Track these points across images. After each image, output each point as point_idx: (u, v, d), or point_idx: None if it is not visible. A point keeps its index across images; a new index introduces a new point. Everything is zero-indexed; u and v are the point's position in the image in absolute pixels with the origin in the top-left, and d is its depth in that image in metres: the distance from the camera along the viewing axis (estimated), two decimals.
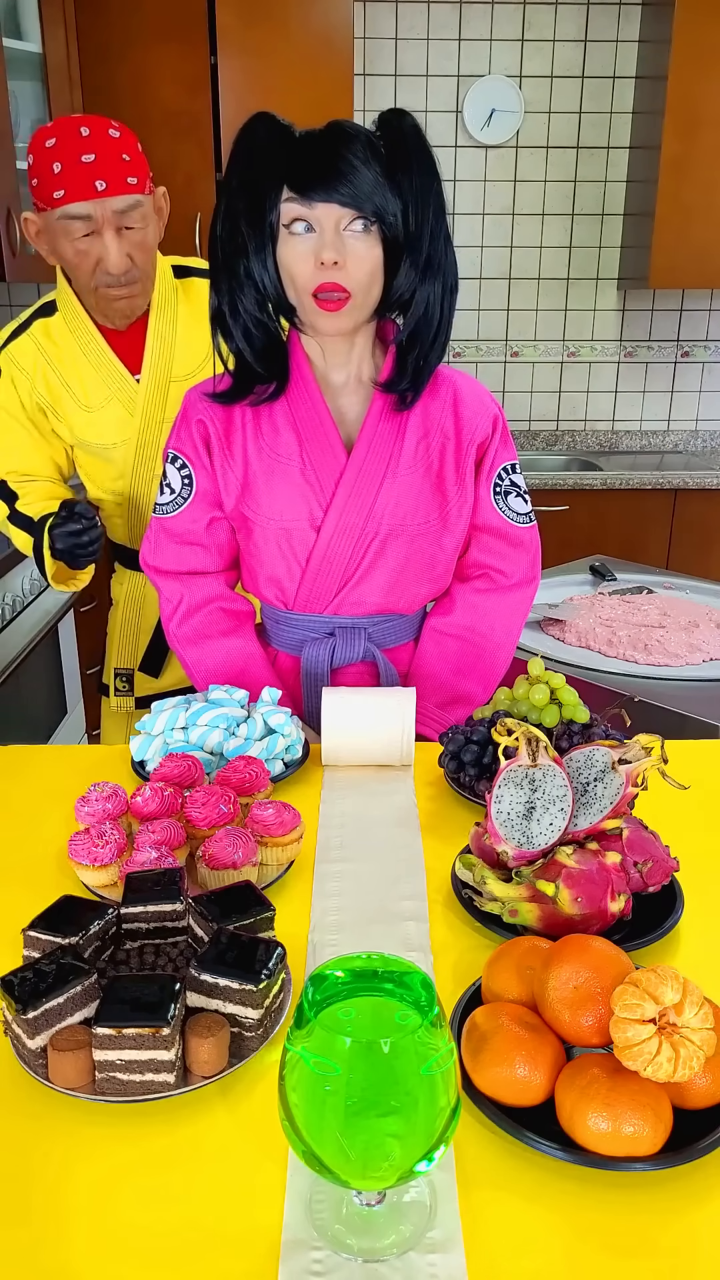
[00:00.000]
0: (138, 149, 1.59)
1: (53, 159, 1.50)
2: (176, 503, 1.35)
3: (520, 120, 3.47)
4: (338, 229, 1.14)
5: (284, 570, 1.35)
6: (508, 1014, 0.72)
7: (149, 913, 0.84)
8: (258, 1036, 0.76)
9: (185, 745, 1.19)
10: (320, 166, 1.12)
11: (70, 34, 3.07)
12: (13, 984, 0.74)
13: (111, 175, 1.50)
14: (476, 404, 1.34)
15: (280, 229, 1.16)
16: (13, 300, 3.61)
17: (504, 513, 1.38)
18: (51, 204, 1.52)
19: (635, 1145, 0.65)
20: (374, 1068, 0.56)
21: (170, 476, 1.36)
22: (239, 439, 1.32)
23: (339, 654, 1.38)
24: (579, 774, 0.93)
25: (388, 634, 1.40)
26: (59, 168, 1.49)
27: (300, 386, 1.29)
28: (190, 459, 1.34)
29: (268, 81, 3.08)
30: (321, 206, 1.13)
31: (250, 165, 1.16)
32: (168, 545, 1.38)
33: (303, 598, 1.37)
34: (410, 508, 1.31)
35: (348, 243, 1.14)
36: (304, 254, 1.15)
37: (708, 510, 3.31)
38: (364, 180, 1.12)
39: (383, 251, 1.17)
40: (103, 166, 1.50)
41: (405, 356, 1.26)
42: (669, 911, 0.91)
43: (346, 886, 0.99)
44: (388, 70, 3.43)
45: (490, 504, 1.37)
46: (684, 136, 3.15)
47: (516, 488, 1.39)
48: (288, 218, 1.15)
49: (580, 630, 1.73)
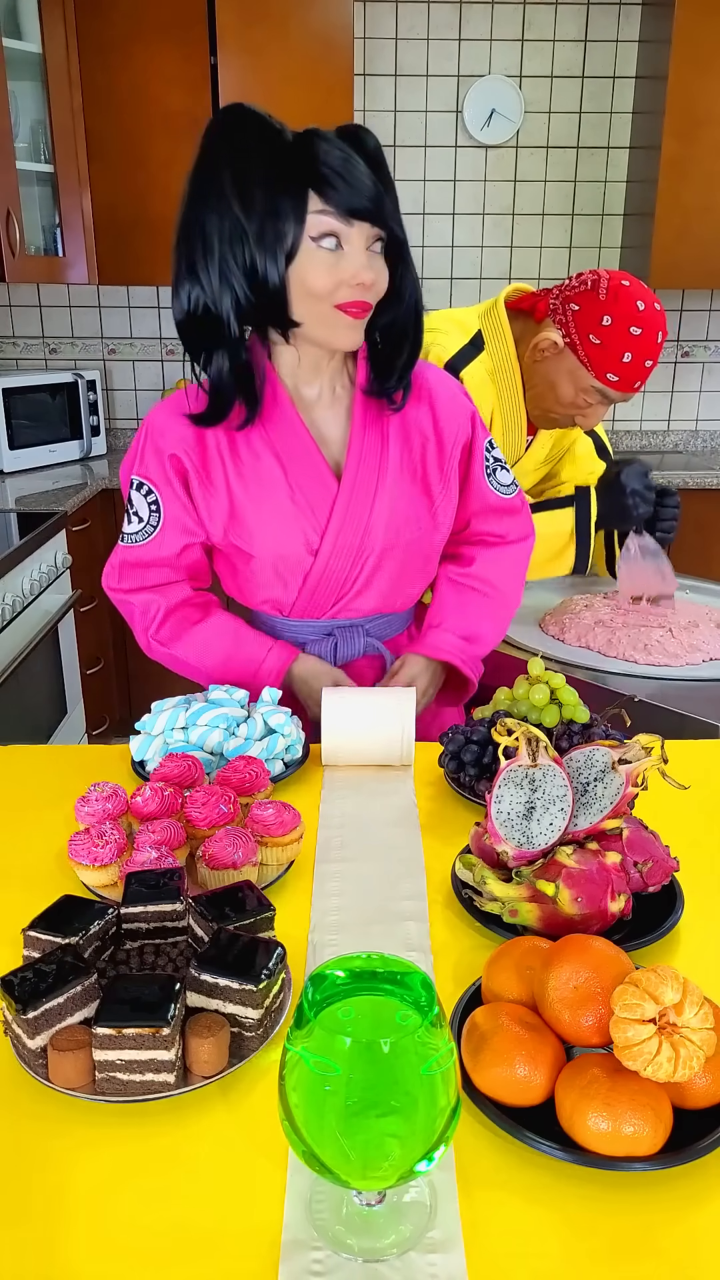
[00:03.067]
0: None
1: (633, 347, 1.59)
2: (146, 531, 1.32)
3: (520, 120, 3.47)
4: (364, 247, 1.14)
5: (280, 591, 1.36)
6: (508, 1014, 0.72)
7: (149, 913, 0.84)
8: (258, 1036, 0.76)
9: (185, 745, 1.19)
10: (362, 185, 1.11)
11: (70, 34, 3.08)
12: (13, 984, 0.74)
13: (644, 382, 1.66)
14: (452, 403, 1.35)
15: (303, 239, 1.13)
16: (12, 300, 3.61)
17: (497, 489, 1.42)
18: (601, 378, 1.64)
19: (635, 1145, 0.65)
20: (374, 1068, 0.56)
21: (137, 504, 1.32)
22: (218, 469, 1.28)
23: (340, 652, 1.40)
24: (579, 774, 0.93)
25: (384, 629, 1.43)
26: (630, 358, 1.60)
27: (274, 408, 1.26)
28: (158, 486, 1.30)
29: (268, 81, 3.08)
30: (359, 225, 1.12)
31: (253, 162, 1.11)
32: (134, 572, 1.36)
33: (300, 609, 1.38)
34: (403, 518, 1.32)
35: (373, 261, 1.16)
36: (330, 267, 1.14)
37: (708, 510, 3.31)
38: (390, 200, 1.14)
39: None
40: (647, 375, 1.64)
41: (393, 355, 1.26)
42: (669, 911, 0.91)
43: (346, 886, 0.99)
44: (388, 70, 3.43)
45: (485, 487, 1.41)
46: (684, 136, 3.15)
47: (498, 461, 1.42)
48: (318, 230, 1.12)
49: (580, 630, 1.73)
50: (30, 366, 3.72)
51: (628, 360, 1.59)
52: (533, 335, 1.69)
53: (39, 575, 2.61)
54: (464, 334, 1.71)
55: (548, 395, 1.70)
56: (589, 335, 1.60)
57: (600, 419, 1.73)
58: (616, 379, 1.62)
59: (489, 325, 1.73)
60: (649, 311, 1.59)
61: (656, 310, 1.60)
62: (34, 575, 2.58)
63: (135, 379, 3.77)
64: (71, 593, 2.85)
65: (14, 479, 3.20)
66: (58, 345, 3.70)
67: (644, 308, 1.58)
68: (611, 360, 1.60)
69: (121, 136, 3.17)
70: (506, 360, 1.71)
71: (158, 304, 3.67)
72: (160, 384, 3.77)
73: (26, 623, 2.53)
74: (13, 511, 2.81)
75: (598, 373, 1.62)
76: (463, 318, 1.74)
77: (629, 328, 1.57)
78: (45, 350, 3.71)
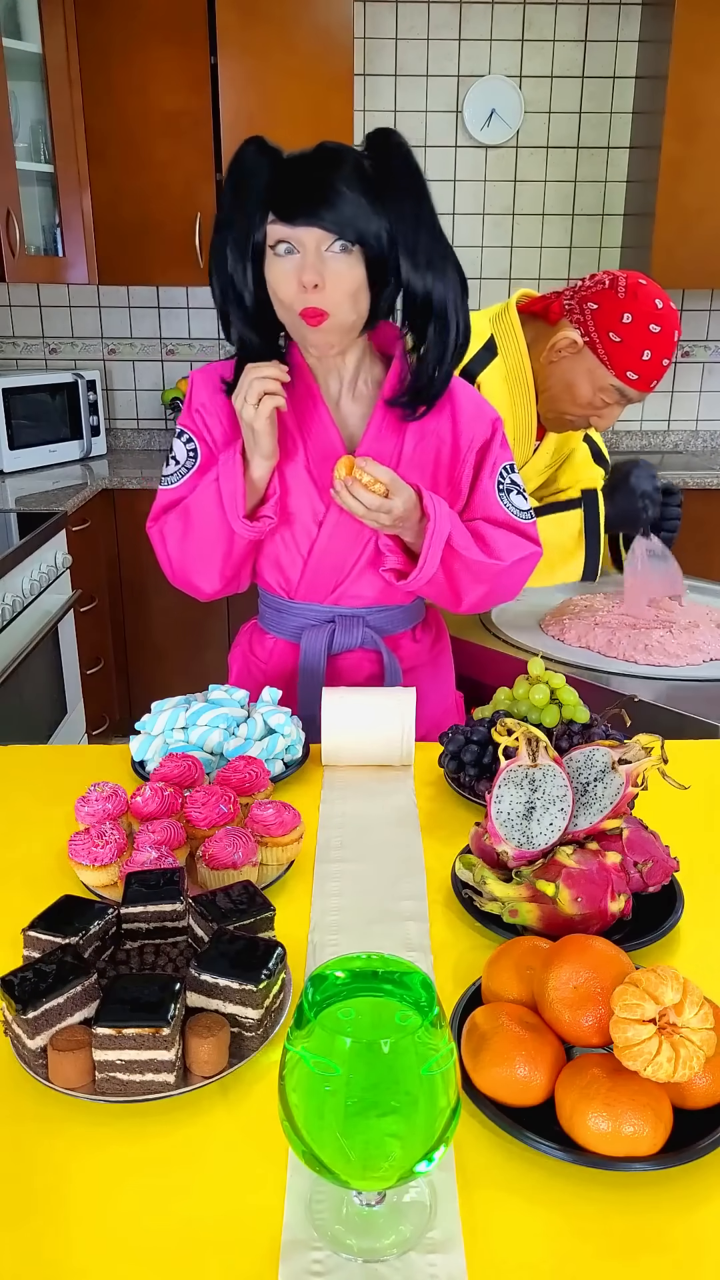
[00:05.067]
0: None
1: (652, 344, 1.59)
2: (180, 473, 1.37)
3: (520, 120, 3.47)
4: (319, 250, 1.16)
5: (287, 559, 1.38)
6: (508, 1014, 0.72)
7: (149, 913, 0.84)
8: (258, 1036, 0.76)
9: (185, 745, 1.19)
10: (302, 190, 1.15)
11: (70, 34, 3.08)
12: (13, 984, 0.74)
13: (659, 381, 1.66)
14: (474, 410, 1.36)
15: (266, 250, 1.19)
16: (12, 300, 3.61)
17: (509, 508, 1.39)
18: (620, 376, 1.63)
19: (635, 1145, 0.65)
20: (374, 1068, 0.56)
21: (176, 450, 1.38)
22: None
23: (337, 640, 1.40)
24: (579, 774, 0.93)
25: (386, 622, 1.43)
26: (649, 356, 1.60)
27: (302, 387, 1.31)
28: (198, 435, 1.36)
29: (268, 81, 3.08)
30: (303, 229, 1.15)
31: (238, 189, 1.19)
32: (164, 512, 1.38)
33: (304, 588, 1.39)
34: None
35: (328, 264, 1.16)
36: (288, 274, 1.18)
37: (708, 510, 3.31)
38: (345, 202, 1.14)
39: (366, 269, 1.18)
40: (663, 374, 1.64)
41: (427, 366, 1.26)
42: (669, 911, 0.91)
43: (346, 886, 0.99)
44: (388, 70, 3.43)
45: (495, 499, 1.39)
46: (684, 136, 3.15)
47: (516, 486, 1.41)
48: (272, 239, 1.18)
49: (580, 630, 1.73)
50: (30, 366, 3.72)
51: (647, 358, 1.60)
52: (546, 338, 1.68)
53: (39, 575, 2.61)
54: (476, 339, 1.70)
55: (564, 396, 1.70)
56: (609, 333, 1.60)
57: (615, 419, 1.72)
58: (636, 377, 1.62)
59: (501, 329, 1.73)
60: (666, 309, 1.60)
61: (672, 309, 1.61)
62: (34, 575, 2.58)
63: (135, 379, 3.77)
64: (71, 593, 2.85)
65: (14, 479, 3.20)
66: (58, 345, 3.70)
67: (662, 306, 1.59)
68: (632, 358, 1.60)
69: (121, 136, 3.17)
70: (520, 364, 1.71)
71: (158, 304, 3.67)
72: (160, 384, 3.77)
73: (26, 623, 2.53)
74: (13, 511, 2.81)
75: (618, 371, 1.62)
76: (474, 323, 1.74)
77: (649, 325, 1.58)
78: (45, 350, 3.71)
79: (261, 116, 3.11)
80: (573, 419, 1.74)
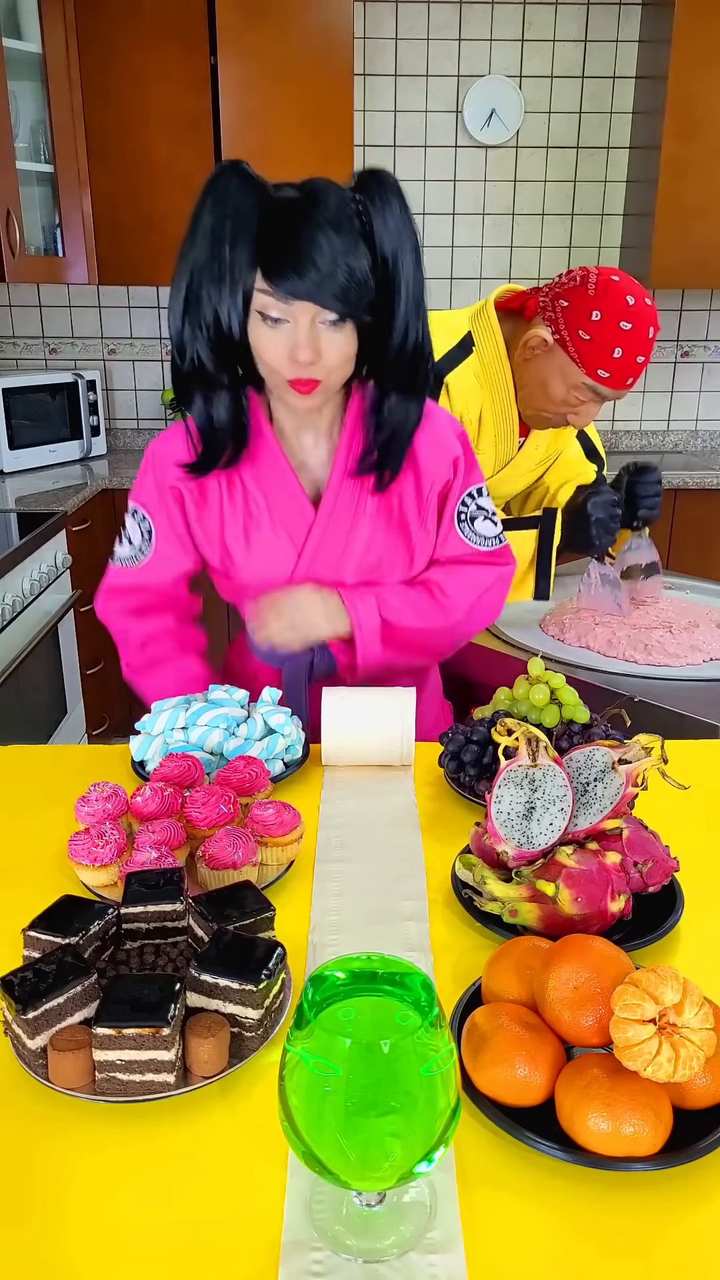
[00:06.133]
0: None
1: (623, 342, 1.56)
2: (135, 556, 1.36)
3: (520, 120, 3.47)
4: (313, 324, 1.12)
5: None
6: (508, 1014, 0.72)
7: (149, 913, 0.84)
8: (258, 1037, 0.76)
9: (185, 745, 1.19)
10: (296, 258, 1.07)
11: (70, 34, 3.08)
12: (13, 984, 0.74)
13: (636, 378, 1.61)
14: (435, 447, 1.31)
15: (251, 312, 1.13)
16: (12, 300, 3.61)
17: (471, 540, 1.37)
18: (591, 374, 1.60)
19: (635, 1145, 0.65)
20: (374, 1068, 0.56)
21: (130, 529, 1.36)
22: (214, 494, 1.32)
23: (318, 669, 1.40)
24: (579, 774, 0.93)
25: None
26: (620, 354, 1.56)
27: (259, 441, 1.29)
28: (154, 516, 1.33)
29: (268, 81, 3.08)
30: (299, 305, 1.10)
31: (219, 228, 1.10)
32: (118, 595, 1.40)
33: None
34: (378, 554, 1.33)
35: (322, 335, 1.12)
36: (277, 343, 1.13)
37: (708, 510, 3.31)
38: (341, 273, 1.07)
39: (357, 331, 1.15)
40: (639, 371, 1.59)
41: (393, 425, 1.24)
42: (669, 911, 0.91)
43: (346, 886, 0.99)
44: (388, 70, 3.43)
45: (456, 536, 1.37)
46: (684, 137, 3.15)
47: (484, 510, 1.38)
48: (260, 306, 1.12)
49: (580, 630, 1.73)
50: (30, 366, 3.72)
51: (618, 356, 1.56)
52: (523, 334, 1.67)
53: (39, 575, 2.61)
54: (452, 336, 1.69)
55: (539, 394, 1.68)
56: (578, 331, 1.57)
57: (593, 417, 1.70)
58: (607, 375, 1.59)
59: (479, 326, 1.71)
60: (639, 306, 1.55)
61: (647, 305, 1.57)
62: (34, 575, 2.58)
63: (135, 379, 3.77)
64: (71, 593, 2.85)
65: (14, 479, 3.20)
66: (58, 345, 3.70)
67: (634, 302, 1.55)
68: (602, 356, 1.57)
69: (121, 136, 3.17)
70: (497, 361, 1.70)
71: (158, 304, 3.67)
72: (160, 384, 3.77)
73: (26, 623, 2.53)
74: (13, 511, 2.81)
75: (588, 369, 1.59)
76: (452, 320, 1.72)
77: (619, 323, 1.54)
78: (45, 350, 3.71)
79: (261, 116, 3.11)
80: (550, 416, 1.72)
